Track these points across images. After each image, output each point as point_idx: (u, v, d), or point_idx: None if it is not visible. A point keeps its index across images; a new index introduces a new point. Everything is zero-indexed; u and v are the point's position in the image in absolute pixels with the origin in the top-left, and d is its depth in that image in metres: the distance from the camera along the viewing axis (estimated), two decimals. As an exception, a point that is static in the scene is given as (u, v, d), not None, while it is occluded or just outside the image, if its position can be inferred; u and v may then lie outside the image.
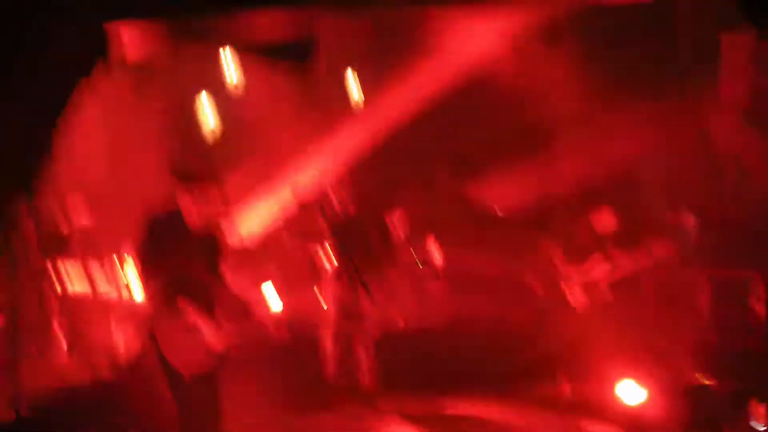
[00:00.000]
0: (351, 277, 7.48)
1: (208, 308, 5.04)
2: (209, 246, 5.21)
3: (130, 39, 7.21)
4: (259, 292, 8.63)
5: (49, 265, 7.70)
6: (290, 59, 5.71)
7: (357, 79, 11.95)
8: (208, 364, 5.05)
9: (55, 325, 7.30)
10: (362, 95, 11.69)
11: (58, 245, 7.84)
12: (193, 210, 5.08)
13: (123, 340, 7.36)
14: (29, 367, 6.56)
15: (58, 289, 7.57)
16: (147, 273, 5.05)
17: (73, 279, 7.72)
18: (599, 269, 8.66)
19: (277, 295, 8.83)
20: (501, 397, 7.89)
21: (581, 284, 8.62)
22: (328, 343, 7.81)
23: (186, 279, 5.00)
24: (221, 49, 10.48)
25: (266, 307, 8.61)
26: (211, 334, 4.98)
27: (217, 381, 5.20)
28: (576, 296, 8.70)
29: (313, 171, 7.69)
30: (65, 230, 8.16)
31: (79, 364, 7.02)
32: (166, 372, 5.06)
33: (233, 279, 5.33)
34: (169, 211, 5.11)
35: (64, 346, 7.24)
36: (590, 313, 8.67)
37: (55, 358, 7.16)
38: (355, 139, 10.06)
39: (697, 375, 7.82)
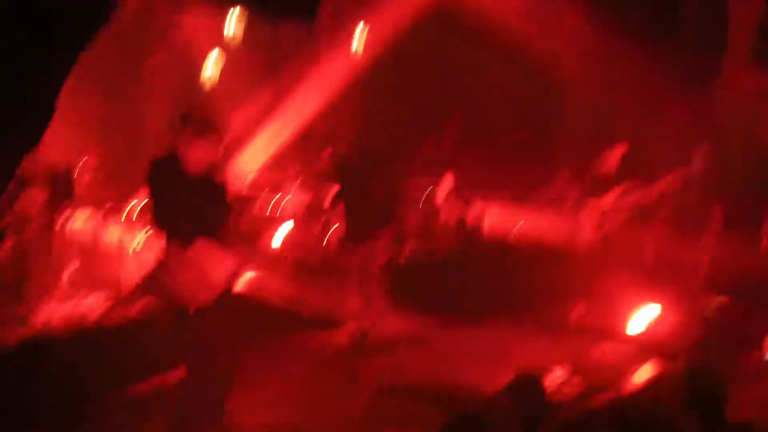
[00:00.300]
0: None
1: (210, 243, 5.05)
2: (209, 186, 5.22)
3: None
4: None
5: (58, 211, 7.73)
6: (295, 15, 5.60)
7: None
8: (212, 298, 5.05)
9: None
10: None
11: (67, 190, 7.87)
12: (194, 154, 5.10)
13: (129, 280, 7.39)
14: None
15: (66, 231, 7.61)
16: (151, 212, 5.18)
17: (80, 222, 7.77)
18: (615, 198, 8.68)
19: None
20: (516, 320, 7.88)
21: (598, 212, 8.64)
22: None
23: (188, 217, 5.02)
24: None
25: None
26: (214, 267, 5.03)
27: (222, 315, 5.16)
28: (593, 223, 8.71)
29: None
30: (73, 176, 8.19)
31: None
32: (170, 308, 5.12)
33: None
34: (171, 154, 5.17)
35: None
36: (606, 239, 8.69)
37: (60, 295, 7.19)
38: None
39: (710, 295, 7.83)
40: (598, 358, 7.00)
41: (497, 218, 9.25)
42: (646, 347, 7.02)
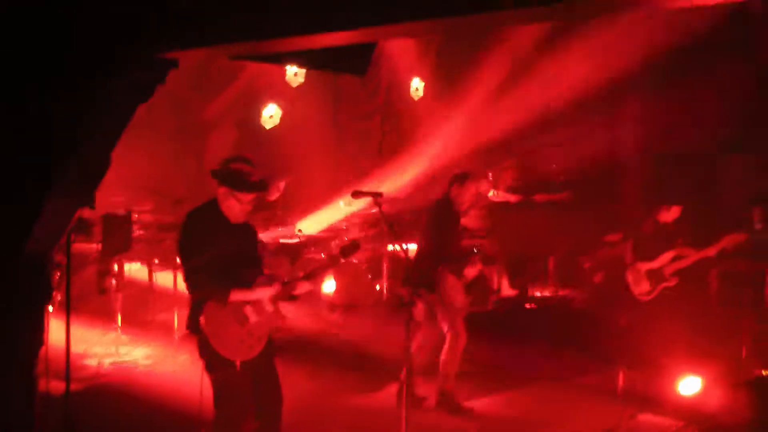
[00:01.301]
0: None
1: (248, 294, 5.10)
2: (249, 237, 5.32)
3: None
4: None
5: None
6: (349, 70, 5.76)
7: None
8: (257, 350, 5.09)
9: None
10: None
11: (123, 238, 8.07)
12: (227, 206, 5.15)
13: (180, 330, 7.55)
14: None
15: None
16: (192, 264, 5.10)
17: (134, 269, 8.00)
18: (665, 260, 8.55)
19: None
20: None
21: (646, 273, 8.52)
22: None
23: (229, 268, 5.05)
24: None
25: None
26: (256, 320, 5.06)
27: (268, 365, 5.23)
28: (641, 285, 8.60)
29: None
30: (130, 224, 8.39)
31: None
32: (215, 361, 5.06)
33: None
34: (210, 206, 5.19)
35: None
36: (653, 302, 8.57)
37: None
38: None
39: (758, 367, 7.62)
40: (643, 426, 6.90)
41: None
42: (692, 419, 6.89)
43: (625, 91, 11.13)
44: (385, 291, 9.10)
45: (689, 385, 7.18)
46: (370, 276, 9.39)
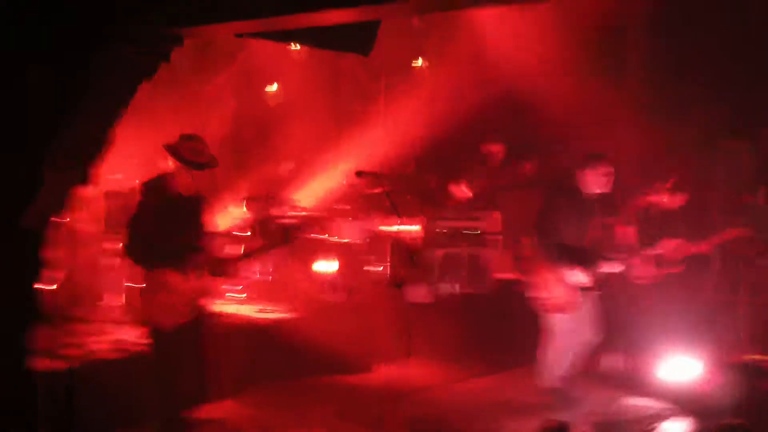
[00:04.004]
0: None
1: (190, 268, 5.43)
2: (198, 207, 5.67)
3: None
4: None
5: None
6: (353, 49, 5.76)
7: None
8: (185, 318, 5.42)
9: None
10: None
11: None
12: (187, 182, 5.54)
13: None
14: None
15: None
16: (134, 232, 5.45)
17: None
18: (668, 246, 8.52)
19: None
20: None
21: (648, 259, 8.46)
22: None
23: (171, 237, 5.42)
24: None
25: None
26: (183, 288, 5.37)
27: (195, 332, 5.52)
28: (641, 270, 8.58)
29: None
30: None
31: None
32: (148, 326, 5.49)
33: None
34: (164, 178, 5.57)
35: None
36: (651, 287, 8.56)
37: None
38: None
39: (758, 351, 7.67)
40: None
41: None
42: (679, 402, 6.94)
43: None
44: (386, 271, 9.11)
45: (679, 369, 7.24)
46: (371, 256, 9.41)
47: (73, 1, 4.66)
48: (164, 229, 5.42)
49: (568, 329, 6.72)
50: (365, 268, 9.35)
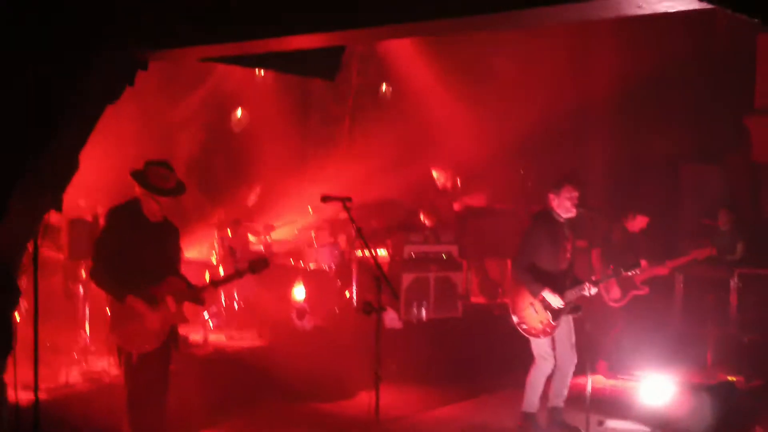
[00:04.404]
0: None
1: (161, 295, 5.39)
2: (167, 235, 5.60)
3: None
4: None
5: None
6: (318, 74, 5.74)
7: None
8: (154, 345, 5.36)
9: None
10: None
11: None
12: (154, 208, 5.47)
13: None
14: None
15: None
16: (101, 258, 5.40)
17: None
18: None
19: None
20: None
21: (618, 281, 8.49)
22: None
23: (139, 264, 5.35)
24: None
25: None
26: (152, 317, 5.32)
27: (163, 359, 5.48)
28: (612, 292, 8.63)
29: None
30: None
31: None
32: (118, 352, 5.43)
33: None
34: (131, 204, 5.50)
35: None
36: (621, 309, 8.61)
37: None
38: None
39: (724, 372, 7.71)
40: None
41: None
42: (657, 424, 6.95)
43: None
44: (354, 297, 9.05)
45: (655, 391, 7.26)
46: (339, 282, 9.35)
47: (47, 23, 4.58)
48: (130, 255, 5.35)
49: (544, 353, 6.71)
50: (334, 293, 9.28)
